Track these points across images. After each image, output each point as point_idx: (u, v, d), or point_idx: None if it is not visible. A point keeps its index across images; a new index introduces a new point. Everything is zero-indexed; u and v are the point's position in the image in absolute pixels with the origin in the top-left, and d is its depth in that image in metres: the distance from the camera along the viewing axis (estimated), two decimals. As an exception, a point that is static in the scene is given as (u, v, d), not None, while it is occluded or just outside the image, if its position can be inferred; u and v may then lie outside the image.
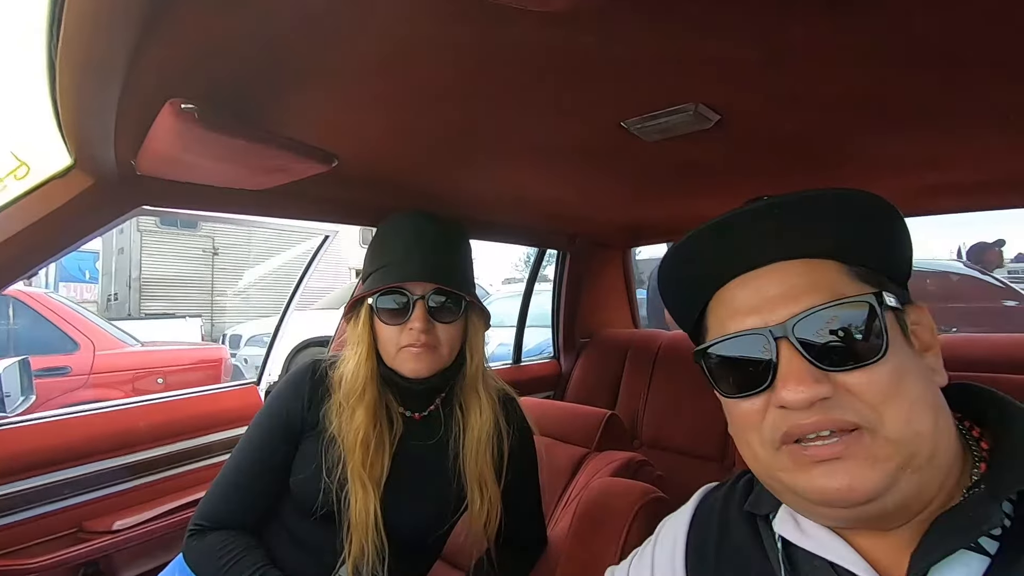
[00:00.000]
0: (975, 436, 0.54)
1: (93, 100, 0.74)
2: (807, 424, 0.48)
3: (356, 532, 0.96)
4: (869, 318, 0.50)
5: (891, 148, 1.12)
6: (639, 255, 6.16)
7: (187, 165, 0.97)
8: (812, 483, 0.49)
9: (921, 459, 0.47)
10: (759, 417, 0.52)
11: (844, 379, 0.49)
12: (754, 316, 0.53)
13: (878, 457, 0.47)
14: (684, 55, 0.73)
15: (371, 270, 1.04)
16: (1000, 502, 0.46)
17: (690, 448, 2.01)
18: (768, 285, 0.54)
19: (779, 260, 0.55)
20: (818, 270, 0.53)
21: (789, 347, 0.50)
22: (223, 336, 7.54)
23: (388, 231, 1.08)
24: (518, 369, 2.43)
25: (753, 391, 0.52)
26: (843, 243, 0.54)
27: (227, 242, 11.36)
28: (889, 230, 0.56)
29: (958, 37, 0.67)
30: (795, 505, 0.55)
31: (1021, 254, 7.87)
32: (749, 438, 0.54)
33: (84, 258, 10.97)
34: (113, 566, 1.34)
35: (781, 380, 0.50)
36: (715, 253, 0.58)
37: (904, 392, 0.48)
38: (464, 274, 1.06)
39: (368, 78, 0.77)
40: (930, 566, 0.46)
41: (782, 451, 0.51)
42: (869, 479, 0.47)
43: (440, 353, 1.01)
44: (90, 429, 1.43)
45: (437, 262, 1.02)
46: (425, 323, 0.98)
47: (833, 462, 0.48)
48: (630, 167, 1.27)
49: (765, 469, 0.54)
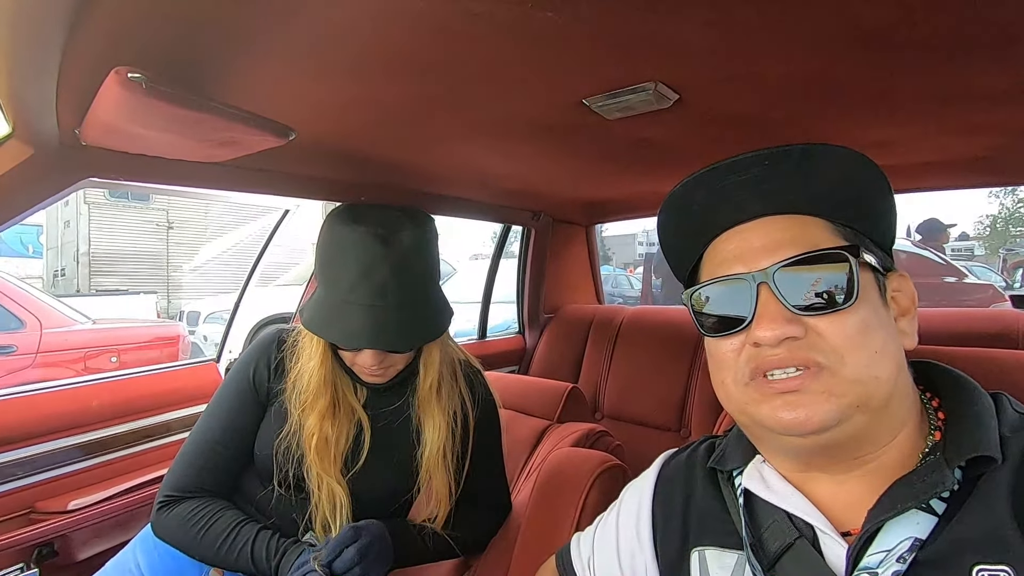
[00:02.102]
0: (934, 407, 0.59)
1: (31, 65, 0.70)
2: (774, 359, 0.53)
3: (319, 498, 0.98)
4: (842, 269, 0.54)
5: (842, 129, 1.16)
6: (606, 232, 6.26)
7: (135, 136, 0.93)
8: (774, 413, 0.53)
9: (876, 402, 0.52)
10: (735, 355, 0.57)
11: (815, 323, 0.53)
12: (739, 264, 0.58)
13: (834, 392, 0.52)
14: (644, 34, 0.73)
15: (319, 298, 0.96)
16: (952, 468, 0.50)
17: (649, 419, 2.08)
18: (753, 237, 0.59)
19: (766, 215, 0.59)
20: (802, 225, 0.58)
21: (768, 292, 0.55)
22: (180, 313, 7.32)
23: (333, 246, 0.95)
24: (483, 344, 2.45)
25: (732, 330, 0.57)
26: (825, 202, 0.58)
27: (182, 216, 10.93)
28: (874, 196, 0.60)
29: (898, 22, 0.70)
30: (760, 436, 0.59)
31: (964, 233, 8.31)
32: (724, 377, 0.59)
33: (26, 231, 10.41)
34: (69, 546, 1.31)
35: (757, 320, 0.55)
36: (706, 207, 0.62)
37: (868, 342, 0.53)
38: (422, 316, 0.97)
39: (326, 47, 0.75)
40: (884, 522, 0.51)
41: (751, 385, 0.55)
42: (823, 410, 0.51)
43: (396, 369, 1.02)
44: (40, 409, 1.38)
45: (390, 317, 0.91)
46: (377, 360, 0.96)
47: (793, 394, 0.52)
48: (591, 145, 1.28)
49: (736, 404, 0.58)
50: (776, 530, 0.58)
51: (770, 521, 0.59)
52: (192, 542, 0.96)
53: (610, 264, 15.28)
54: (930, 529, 0.50)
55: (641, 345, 2.19)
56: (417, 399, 1.05)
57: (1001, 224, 17.97)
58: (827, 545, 0.54)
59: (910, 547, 0.49)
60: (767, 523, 0.59)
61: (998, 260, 9.20)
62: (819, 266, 0.54)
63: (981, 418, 0.53)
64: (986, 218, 18.59)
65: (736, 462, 0.66)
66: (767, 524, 0.59)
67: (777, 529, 0.58)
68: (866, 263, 0.56)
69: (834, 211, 0.59)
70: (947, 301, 5.32)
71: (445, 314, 1.02)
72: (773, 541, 0.57)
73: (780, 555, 0.56)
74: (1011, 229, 17.53)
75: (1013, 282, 7.80)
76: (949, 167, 1.52)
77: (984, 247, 14.22)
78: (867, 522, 0.52)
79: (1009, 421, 0.53)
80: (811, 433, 0.52)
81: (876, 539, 0.51)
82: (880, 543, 0.51)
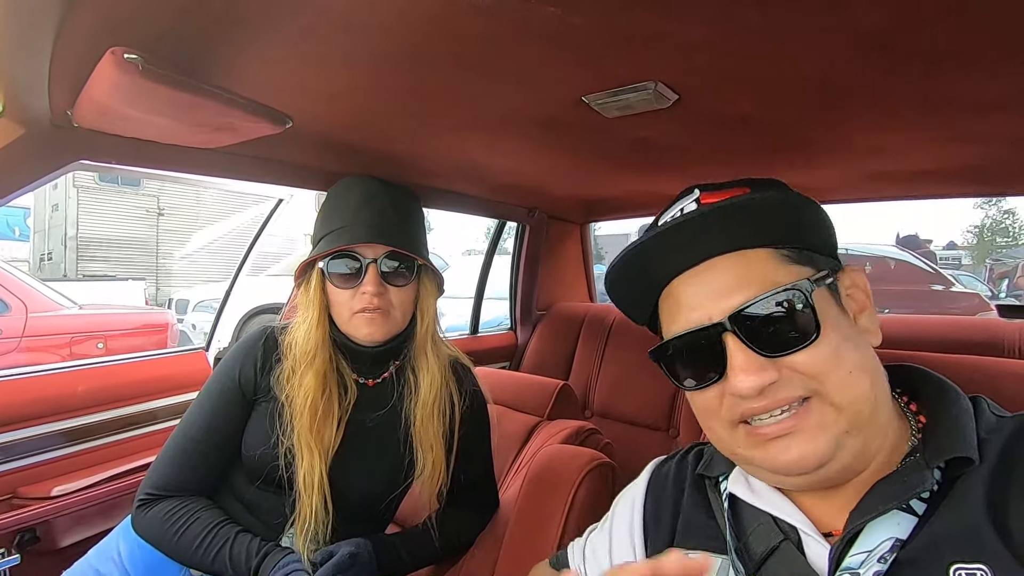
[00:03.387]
0: (912, 410, 0.60)
1: (24, 43, 0.69)
2: (758, 407, 0.53)
3: (304, 498, 0.97)
4: (801, 303, 0.54)
5: (838, 134, 1.17)
6: (599, 230, 6.26)
7: (129, 119, 0.91)
8: (767, 456, 0.54)
9: (863, 420, 0.53)
10: (717, 403, 0.57)
11: (788, 361, 0.53)
12: (698, 312, 0.57)
13: (826, 423, 0.52)
14: (645, 33, 0.73)
15: (321, 234, 1.03)
16: (932, 469, 0.51)
17: (638, 418, 2.09)
18: (704, 281, 0.58)
19: (712, 256, 0.58)
20: (749, 261, 0.57)
21: (734, 339, 0.54)
22: (169, 301, 7.25)
23: (338, 194, 1.07)
24: (475, 340, 2.45)
25: (707, 383, 0.57)
26: (766, 233, 0.58)
27: (173, 202, 10.82)
28: (805, 215, 0.60)
29: (896, 29, 0.70)
30: (755, 474, 0.60)
31: (952, 242, 8.42)
32: (711, 423, 0.59)
33: (13, 214, 10.28)
34: (52, 533, 1.30)
35: (731, 371, 0.54)
36: (656, 254, 0.61)
37: (842, 362, 0.53)
38: (416, 236, 1.06)
39: (325, 34, 0.74)
40: (866, 523, 0.51)
41: (739, 429, 0.56)
42: (818, 448, 0.52)
43: (393, 317, 1.01)
44: (25, 393, 1.37)
45: (388, 225, 1.02)
46: (378, 287, 0.98)
47: (785, 437, 0.53)
48: (589, 142, 1.28)
49: (727, 447, 0.59)
50: (762, 533, 0.58)
51: (755, 525, 0.60)
52: (170, 542, 0.96)
53: (603, 263, 15.29)
54: (910, 529, 0.51)
55: (632, 344, 2.19)
56: (413, 346, 1.08)
57: (988, 234, 18.21)
58: (810, 547, 0.55)
59: (891, 547, 0.50)
60: (752, 527, 0.60)
61: (985, 270, 9.33)
62: (775, 302, 0.54)
63: (960, 420, 0.54)
64: (973, 228, 18.84)
65: (722, 468, 0.66)
66: (752, 528, 0.60)
67: (763, 532, 0.58)
68: (819, 279, 0.56)
69: (775, 236, 0.58)
70: (934, 308, 5.39)
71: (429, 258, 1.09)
72: (759, 544, 0.58)
73: (765, 558, 0.57)
74: (997, 239, 17.78)
75: (999, 291, 7.92)
76: (942, 175, 1.53)
77: (971, 256, 14.43)
78: (849, 523, 0.52)
79: (987, 423, 0.54)
80: (808, 472, 0.53)
81: (858, 540, 0.52)
82: (862, 544, 0.51)
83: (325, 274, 1.01)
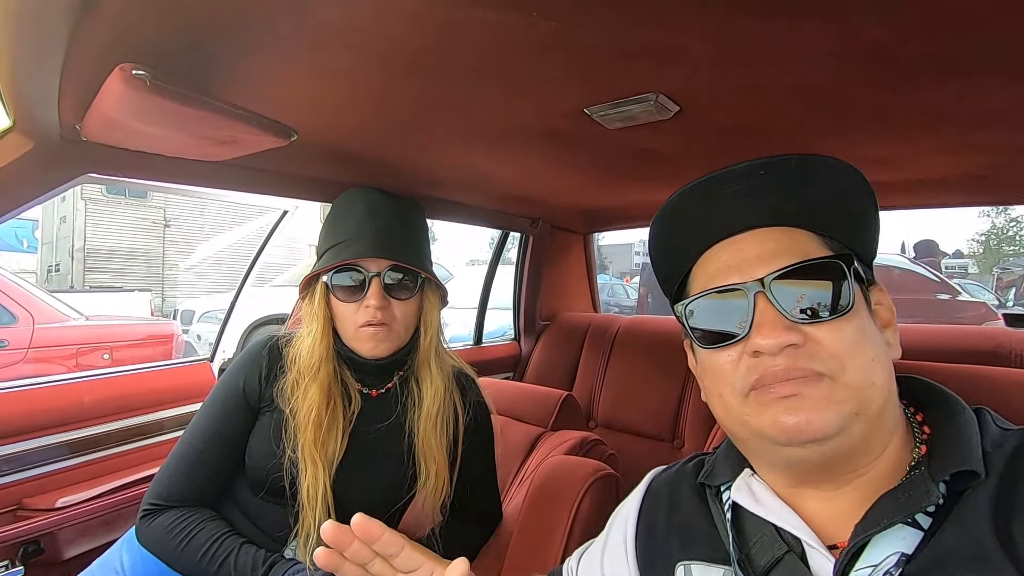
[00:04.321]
0: (918, 421, 0.59)
1: (35, 58, 0.70)
2: (776, 369, 0.53)
3: (307, 508, 0.96)
4: (838, 277, 0.55)
5: (839, 144, 1.17)
6: (602, 240, 6.29)
7: (137, 133, 0.93)
8: (775, 419, 0.53)
9: (873, 409, 0.53)
10: (733, 367, 0.57)
11: (813, 331, 0.53)
12: (735, 274, 0.58)
13: (834, 399, 0.52)
14: (646, 46, 0.74)
15: (325, 247, 1.03)
16: (937, 483, 0.50)
17: (643, 428, 2.07)
18: (747, 247, 0.59)
19: (759, 227, 0.60)
20: (792, 236, 0.58)
21: (765, 300, 0.55)
22: (174, 311, 7.28)
23: (342, 207, 1.07)
24: (479, 350, 2.44)
25: (729, 342, 0.57)
26: (816, 215, 0.59)
27: (179, 214, 10.91)
28: (861, 209, 0.61)
29: (897, 40, 0.71)
30: (757, 449, 0.59)
31: (959, 251, 8.39)
32: (722, 390, 0.58)
33: (22, 226, 10.38)
34: (56, 544, 1.30)
35: (756, 328, 0.54)
36: (700, 217, 0.62)
37: (864, 349, 0.53)
38: (419, 249, 1.06)
39: (331, 48, 0.75)
40: (871, 536, 0.51)
41: (750, 397, 0.55)
42: (825, 417, 0.51)
43: (396, 331, 1.02)
44: (30, 404, 1.37)
45: (392, 238, 1.02)
46: (381, 300, 0.98)
47: (792, 398, 0.52)
48: (591, 153, 1.29)
49: (735, 416, 0.58)
50: (765, 544, 0.57)
51: (759, 535, 0.58)
52: (174, 553, 0.95)
53: (606, 273, 15.37)
54: (916, 544, 0.50)
55: (636, 354, 2.19)
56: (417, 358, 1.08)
57: (995, 242, 18.14)
58: (814, 559, 0.54)
59: (896, 562, 0.49)
60: (755, 537, 0.59)
61: (992, 279, 9.28)
62: (814, 275, 0.55)
63: (964, 432, 0.53)
64: (979, 236, 18.77)
65: (724, 476, 0.65)
66: (755, 538, 0.59)
67: (766, 543, 0.57)
68: (857, 273, 0.56)
69: (823, 224, 0.59)
70: (941, 318, 5.36)
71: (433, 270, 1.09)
72: (762, 556, 0.57)
73: (769, 569, 0.56)
74: (1003, 248, 17.69)
75: (1005, 300, 7.86)
76: (944, 185, 1.53)
77: (977, 264, 14.35)
78: (854, 536, 0.52)
79: (991, 436, 0.53)
80: (812, 441, 0.52)
81: (863, 554, 0.51)
82: (867, 558, 0.51)
83: (329, 287, 1.01)
